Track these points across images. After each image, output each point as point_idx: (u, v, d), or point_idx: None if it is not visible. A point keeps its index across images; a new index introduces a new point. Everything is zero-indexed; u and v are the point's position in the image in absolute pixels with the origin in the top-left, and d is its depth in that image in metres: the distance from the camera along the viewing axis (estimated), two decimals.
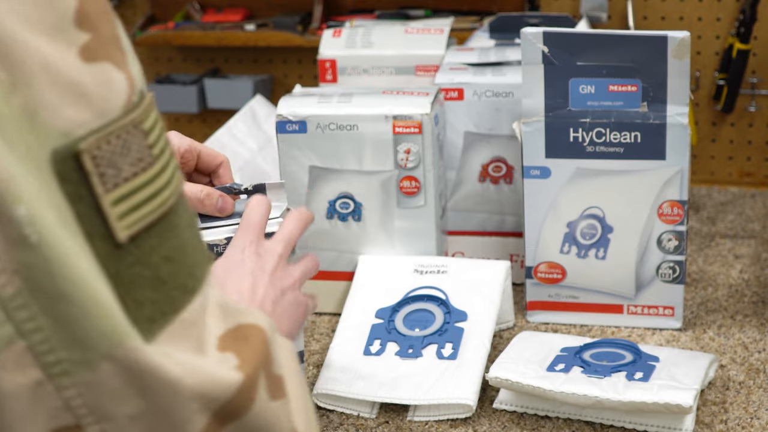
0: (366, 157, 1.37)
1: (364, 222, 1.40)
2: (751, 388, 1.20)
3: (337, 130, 1.36)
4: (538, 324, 1.40)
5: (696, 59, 1.89)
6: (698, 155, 1.96)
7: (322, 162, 1.38)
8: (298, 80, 2.15)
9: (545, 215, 1.36)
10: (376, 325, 1.28)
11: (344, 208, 1.40)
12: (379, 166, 1.38)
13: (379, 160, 1.37)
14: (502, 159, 1.49)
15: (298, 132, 1.38)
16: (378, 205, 1.39)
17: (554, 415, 1.15)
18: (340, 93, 1.42)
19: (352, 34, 1.66)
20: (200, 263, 0.64)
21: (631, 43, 1.29)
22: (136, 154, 0.59)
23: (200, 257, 0.64)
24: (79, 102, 0.56)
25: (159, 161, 0.60)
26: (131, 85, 0.59)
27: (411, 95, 1.39)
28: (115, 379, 0.56)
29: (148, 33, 2.12)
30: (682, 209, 1.32)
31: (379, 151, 1.37)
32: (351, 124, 1.36)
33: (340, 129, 1.36)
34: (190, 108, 2.15)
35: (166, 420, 0.59)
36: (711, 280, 1.51)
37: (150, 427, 0.59)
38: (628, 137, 1.31)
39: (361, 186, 1.39)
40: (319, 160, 1.38)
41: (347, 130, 1.36)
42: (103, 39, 0.58)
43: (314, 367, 1.29)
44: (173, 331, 0.60)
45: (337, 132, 1.37)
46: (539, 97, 1.32)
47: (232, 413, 0.62)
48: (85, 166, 0.56)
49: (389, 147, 1.36)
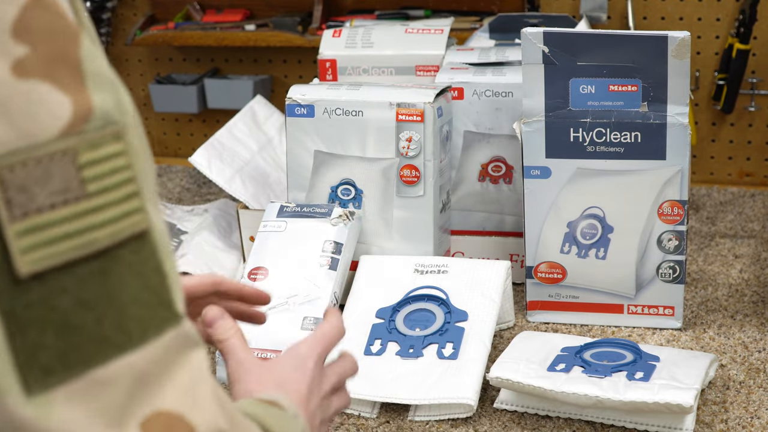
0: (369, 143, 1.40)
1: (364, 210, 1.42)
2: (752, 387, 1.20)
3: (343, 115, 1.39)
4: (539, 324, 1.40)
5: (696, 59, 1.89)
6: (698, 155, 1.96)
7: (326, 147, 1.41)
8: (298, 80, 2.15)
9: (545, 215, 1.36)
10: (376, 324, 1.28)
11: (345, 194, 1.42)
12: (381, 154, 1.39)
13: (382, 147, 1.39)
14: (501, 159, 1.50)
15: (306, 116, 1.40)
16: (378, 193, 1.41)
17: (555, 415, 1.15)
18: (350, 83, 1.46)
19: (352, 34, 1.66)
20: (144, 319, 0.56)
21: (631, 43, 1.29)
22: (59, 184, 0.52)
23: (146, 313, 0.56)
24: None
25: (97, 198, 0.53)
26: (80, 111, 0.53)
27: (418, 88, 1.42)
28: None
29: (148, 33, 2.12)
30: (682, 209, 1.32)
31: (381, 138, 1.39)
32: (356, 110, 1.39)
33: (346, 114, 1.39)
34: (190, 108, 2.15)
35: None
36: (711, 280, 1.51)
37: None
38: (629, 137, 1.31)
39: (363, 173, 1.41)
40: (324, 145, 1.41)
41: (353, 115, 1.39)
42: (44, 56, 0.52)
43: None
44: (78, 389, 0.52)
45: (342, 117, 1.39)
46: (539, 97, 1.32)
47: None
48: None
49: (392, 134, 1.38)
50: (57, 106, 0.52)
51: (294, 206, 1.41)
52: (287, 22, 2.04)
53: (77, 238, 0.52)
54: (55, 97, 0.52)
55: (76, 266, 0.53)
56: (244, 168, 1.71)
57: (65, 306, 0.52)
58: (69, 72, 0.53)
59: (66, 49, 0.54)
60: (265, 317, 0.98)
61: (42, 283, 0.52)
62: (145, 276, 0.56)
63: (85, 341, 0.53)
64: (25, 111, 0.51)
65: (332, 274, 1.33)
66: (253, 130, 1.81)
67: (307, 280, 1.32)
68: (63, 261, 0.52)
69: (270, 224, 1.40)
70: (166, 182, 2.06)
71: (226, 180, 1.66)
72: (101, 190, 0.54)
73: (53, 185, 0.52)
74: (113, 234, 0.54)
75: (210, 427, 0.58)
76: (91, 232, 0.53)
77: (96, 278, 0.53)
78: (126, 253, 0.55)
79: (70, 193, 0.52)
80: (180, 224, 1.72)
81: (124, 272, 0.55)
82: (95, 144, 0.53)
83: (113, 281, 0.54)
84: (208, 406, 0.59)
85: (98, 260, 0.53)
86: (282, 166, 1.75)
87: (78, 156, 0.53)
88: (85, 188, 0.53)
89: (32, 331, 0.51)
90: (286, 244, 1.37)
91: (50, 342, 0.52)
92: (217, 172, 1.67)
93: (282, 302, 1.30)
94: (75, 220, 0.52)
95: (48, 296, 0.52)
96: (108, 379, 0.53)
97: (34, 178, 0.51)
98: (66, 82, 0.53)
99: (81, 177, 0.53)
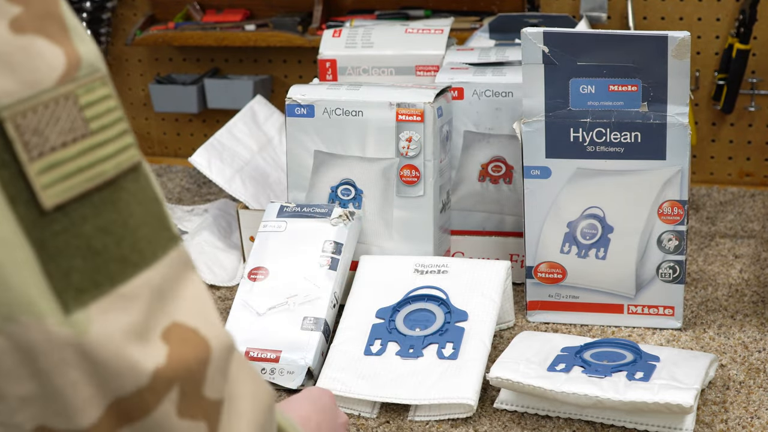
0: (369, 144, 1.39)
1: (364, 210, 1.42)
2: (752, 387, 1.20)
3: (343, 115, 1.39)
4: (539, 324, 1.40)
5: (696, 59, 1.89)
6: (698, 155, 1.96)
7: (326, 147, 1.41)
8: (298, 80, 2.15)
9: (545, 215, 1.36)
10: (376, 325, 1.28)
11: (345, 194, 1.42)
12: (381, 154, 1.39)
13: (382, 147, 1.39)
14: (501, 159, 1.50)
15: (306, 116, 1.40)
16: (378, 193, 1.41)
17: (555, 415, 1.15)
18: (350, 83, 1.46)
19: (352, 34, 1.66)
20: (152, 240, 0.62)
21: (631, 43, 1.29)
22: (67, 125, 0.58)
23: (153, 234, 0.62)
24: (4, 71, 0.56)
25: (99, 134, 0.60)
26: (72, 60, 0.59)
27: (418, 88, 1.42)
28: (6, 356, 0.56)
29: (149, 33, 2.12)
30: (682, 209, 1.32)
31: (381, 138, 1.39)
32: (356, 110, 1.39)
33: (346, 114, 1.39)
34: (190, 108, 2.15)
35: (58, 405, 0.57)
36: (711, 280, 1.51)
37: (41, 413, 0.57)
38: (629, 137, 1.31)
39: (363, 173, 1.41)
40: (324, 145, 1.41)
41: (352, 115, 1.39)
42: (36, 13, 0.59)
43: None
44: (108, 305, 0.58)
45: (342, 117, 1.39)
46: (539, 97, 1.32)
47: (129, 412, 0.59)
48: (7, 133, 0.56)
49: (392, 134, 1.38)
50: (53, 57, 0.58)
51: (294, 206, 1.41)
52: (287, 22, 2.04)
53: (88, 170, 0.59)
54: (50, 49, 0.59)
55: (91, 196, 0.59)
56: (244, 168, 1.71)
57: (87, 232, 0.59)
58: (57, 26, 0.60)
59: (51, 6, 0.60)
60: None
61: (65, 213, 0.58)
62: (146, 203, 0.62)
63: (109, 261, 0.59)
64: (27, 63, 0.57)
65: (332, 274, 1.33)
66: (253, 130, 1.81)
67: (307, 280, 1.32)
68: (79, 192, 0.58)
69: (270, 224, 1.40)
70: (166, 182, 2.06)
71: (226, 180, 1.66)
72: (101, 127, 0.60)
73: (61, 125, 0.58)
74: (117, 165, 0.60)
75: (222, 341, 0.64)
76: (100, 164, 0.59)
77: (109, 206, 0.60)
78: (128, 183, 0.61)
79: (77, 132, 0.59)
80: (180, 224, 1.72)
81: (130, 200, 0.61)
82: (89, 88, 0.60)
83: (123, 207, 0.61)
84: (217, 323, 0.64)
85: (108, 190, 0.60)
86: (282, 166, 1.75)
87: (78, 99, 0.59)
88: (89, 126, 0.59)
89: (62, 257, 0.57)
90: (286, 244, 1.37)
91: (79, 265, 0.58)
92: (217, 172, 1.67)
93: (282, 302, 1.30)
94: (84, 155, 0.59)
95: (71, 225, 0.58)
96: (132, 294, 0.60)
97: (45, 121, 0.57)
98: (56, 35, 0.59)
99: (83, 116, 0.59)
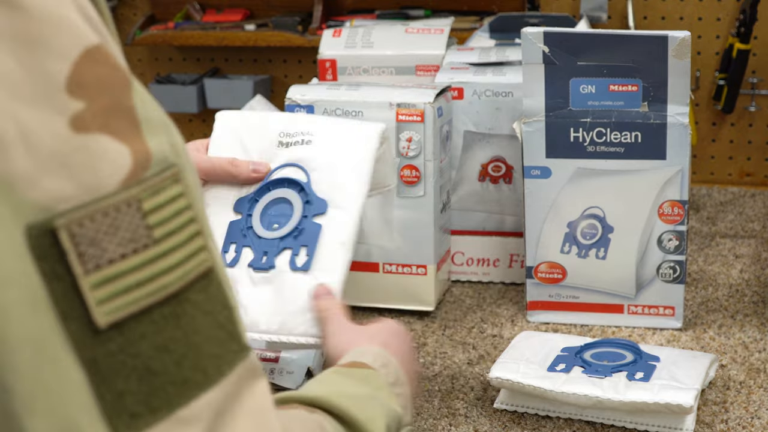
0: None
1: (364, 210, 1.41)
2: (752, 387, 1.20)
3: (342, 115, 1.38)
4: (539, 324, 1.40)
5: (696, 59, 1.89)
6: (698, 155, 1.96)
7: None
8: (298, 80, 2.15)
9: (545, 215, 1.36)
10: (233, 222, 1.13)
11: None
12: None
13: None
14: (501, 158, 1.50)
15: None
16: None
17: (555, 415, 1.15)
18: (349, 83, 1.44)
19: (352, 34, 1.66)
20: (219, 355, 0.57)
21: (631, 43, 1.29)
22: (127, 234, 0.53)
23: (219, 349, 0.57)
24: (61, 174, 0.51)
25: (164, 243, 0.55)
26: (139, 159, 0.54)
27: (418, 88, 1.41)
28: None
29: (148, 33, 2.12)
30: (682, 209, 1.32)
31: None
32: (356, 110, 1.38)
33: (346, 114, 1.38)
34: (190, 108, 2.15)
35: None
36: (711, 280, 1.51)
37: None
38: (629, 137, 1.31)
39: None
40: None
41: (352, 116, 1.38)
42: (100, 108, 0.54)
43: None
44: (165, 429, 0.54)
45: (342, 118, 1.38)
46: (540, 96, 1.32)
47: None
48: (62, 244, 0.51)
49: (392, 135, 1.37)
50: (117, 157, 0.53)
51: None
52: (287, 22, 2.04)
53: (149, 285, 0.54)
54: (115, 148, 0.53)
55: (151, 312, 0.54)
56: None
57: (145, 352, 0.54)
58: (125, 121, 0.55)
59: (120, 99, 0.55)
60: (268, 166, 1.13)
61: (120, 331, 0.53)
62: (214, 313, 0.57)
63: (168, 384, 0.54)
64: (87, 165, 0.52)
65: None
66: None
67: None
68: (138, 309, 0.53)
69: None
70: None
71: None
72: (167, 234, 0.55)
73: (121, 235, 0.53)
74: (183, 276, 0.55)
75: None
76: (162, 277, 0.54)
77: (171, 322, 0.55)
78: (195, 293, 0.56)
79: (138, 242, 0.54)
80: None
81: (196, 312, 0.56)
82: (157, 190, 0.55)
83: (187, 322, 0.55)
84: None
85: (171, 304, 0.55)
86: None
87: (142, 204, 0.54)
88: (152, 235, 0.54)
89: (116, 379, 0.53)
90: None
91: (134, 387, 0.53)
92: None
93: None
94: (145, 268, 0.54)
95: (128, 344, 0.53)
96: (191, 417, 0.55)
97: (103, 231, 0.52)
98: (123, 132, 0.54)
99: (147, 224, 0.54)
